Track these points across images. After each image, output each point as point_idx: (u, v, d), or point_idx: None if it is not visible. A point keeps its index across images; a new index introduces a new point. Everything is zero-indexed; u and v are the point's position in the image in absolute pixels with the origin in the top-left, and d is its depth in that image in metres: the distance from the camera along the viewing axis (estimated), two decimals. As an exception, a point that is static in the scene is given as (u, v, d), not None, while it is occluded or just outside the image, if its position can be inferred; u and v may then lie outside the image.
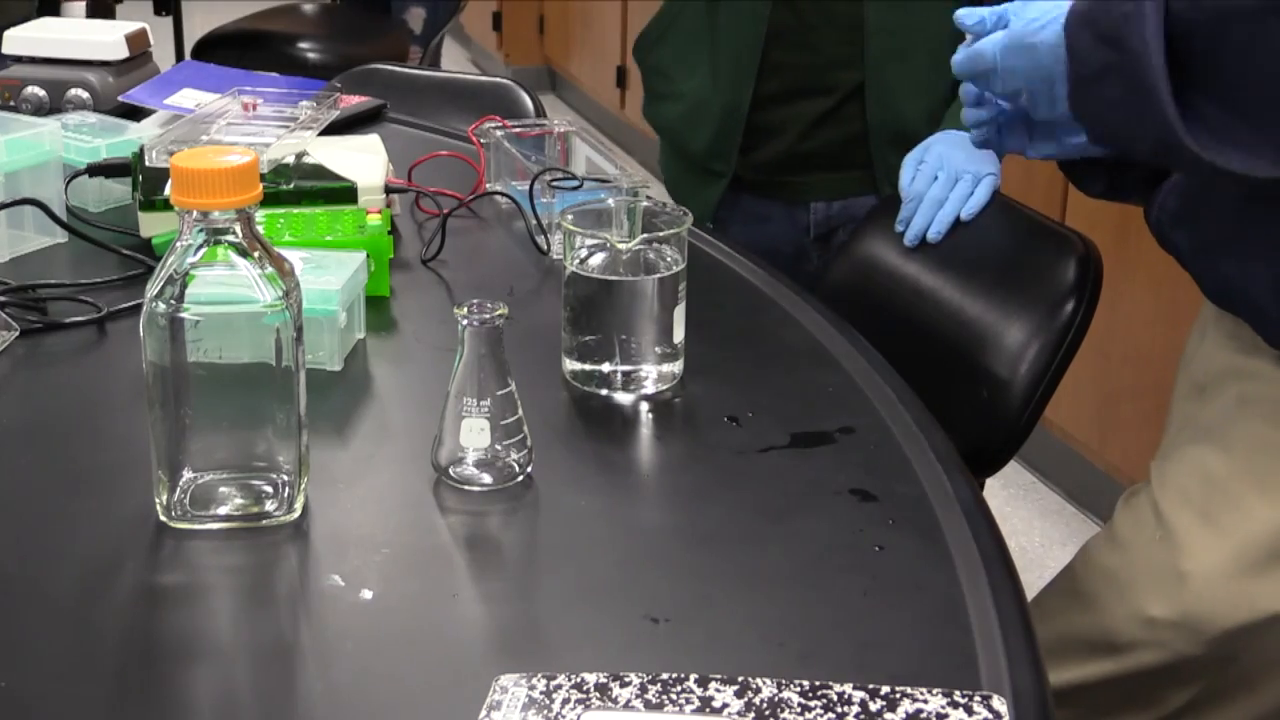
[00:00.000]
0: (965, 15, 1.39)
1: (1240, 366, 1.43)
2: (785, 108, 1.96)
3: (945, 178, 1.74)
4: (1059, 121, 1.46)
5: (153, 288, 1.03)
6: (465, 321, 1.13)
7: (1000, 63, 1.33)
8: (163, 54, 2.26)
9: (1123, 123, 1.23)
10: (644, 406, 1.31)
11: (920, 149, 1.80)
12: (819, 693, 0.89)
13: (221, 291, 1.04)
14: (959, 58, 1.40)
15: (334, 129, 1.86)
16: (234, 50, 3.99)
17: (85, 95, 2.03)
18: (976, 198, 1.73)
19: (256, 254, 1.04)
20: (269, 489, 1.09)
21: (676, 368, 1.34)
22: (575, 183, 1.65)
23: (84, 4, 2.55)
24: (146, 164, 1.61)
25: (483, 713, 0.87)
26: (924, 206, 1.74)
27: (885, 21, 1.91)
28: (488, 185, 1.79)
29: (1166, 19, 1.17)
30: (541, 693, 0.89)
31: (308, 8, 4.62)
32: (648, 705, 0.88)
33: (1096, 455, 3.03)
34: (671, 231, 1.32)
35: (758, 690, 0.89)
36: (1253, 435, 1.41)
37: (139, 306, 1.06)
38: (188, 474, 1.08)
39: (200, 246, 1.03)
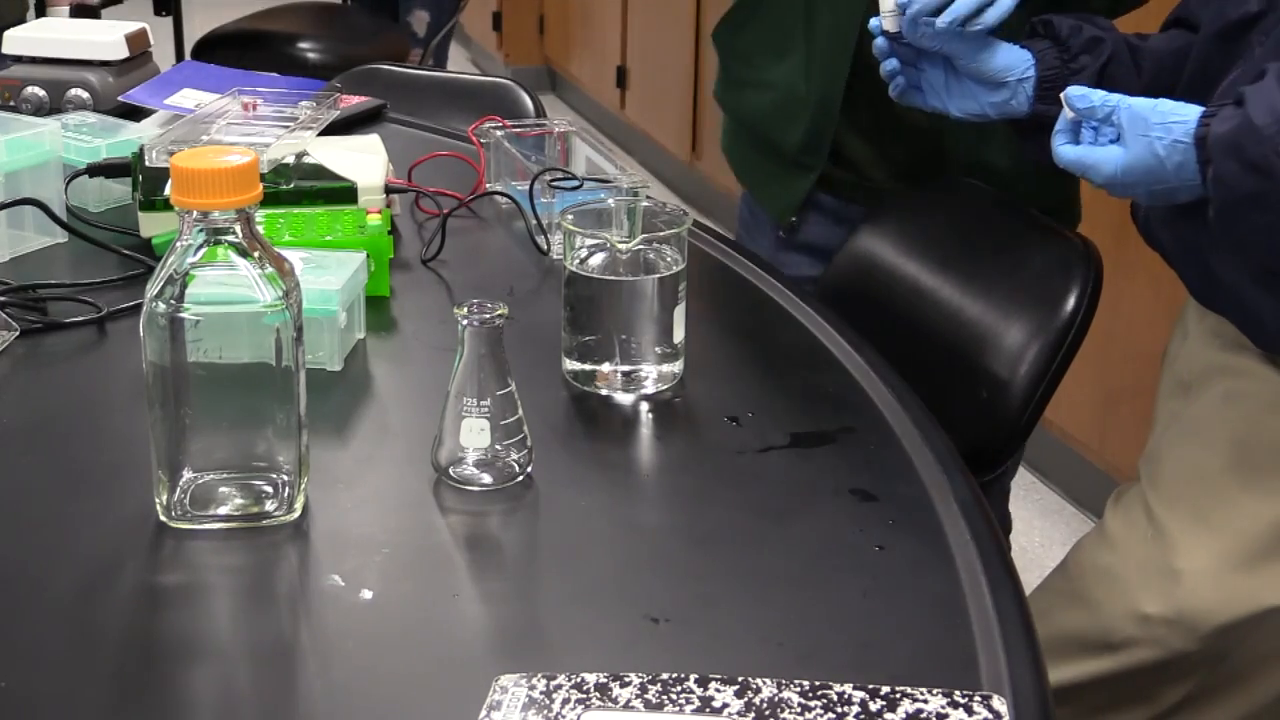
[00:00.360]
0: (1077, 98, 1.36)
1: (1225, 363, 1.44)
2: (876, 107, 1.86)
3: None
4: (979, 79, 1.47)
5: (153, 288, 1.03)
6: (465, 321, 1.13)
7: (1120, 179, 1.32)
8: (162, 54, 2.26)
9: (1273, 247, 1.26)
10: (644, 406, 1.31)
11: None
12: (819, 693, 0.89)
13: (221, 291, 1.04)
14: (1069, 157, 1.37)
15: (334, 129, 1.86)
16: (234, 50, 3.99)
17: (85, 95, 2.03)
18: (996, 9, 1.50)
19: (256, 254, 1.04)
20: (269, 489, 1.09)
21: (677, 367, 1.34)
22: (575, 183, 1.65)
23: (67, 7, 2.55)
24: (146, 164, 1.61)
25: (483, 712, 0.88)
26: None
27: None
28: (488, 185, 1.79)
29: None
30: (541, 693, 0.89)
31: (307, 8, 4.62)
32: (648, 705, 0.88)
33: (1096, 455, 3.03)
34: (671, 231, 1.32)
35: (758, 690, 0.89)
36: (1239, 431, 1.42)
37: (139, 306, 1.06)
38: (188, 474, 1.08)
39: (200, 246, 1.03)
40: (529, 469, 1.17)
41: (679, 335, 1.33)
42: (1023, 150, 1.58)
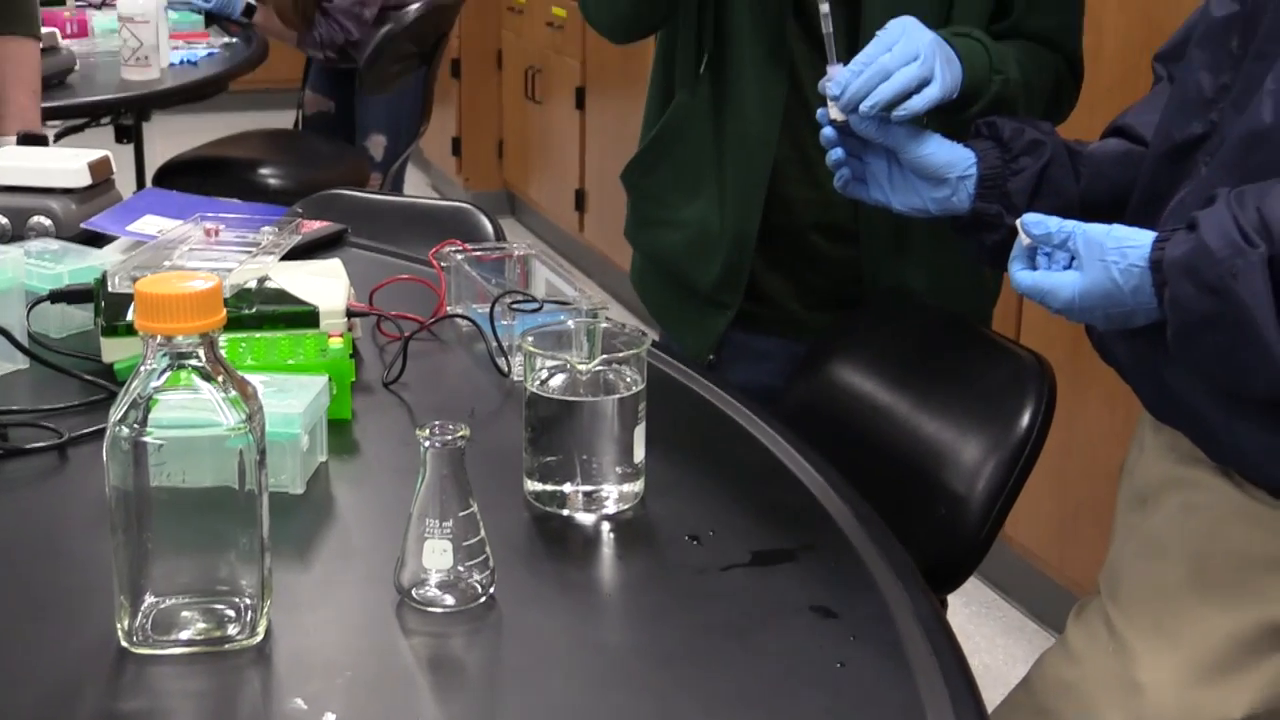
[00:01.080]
0: (1033, 224, 1.38)
1: (1181, 476, 1.46)
2: (788, 241, 1.90)
3: (902, 51, 1.53)
4: (922, 174, 1.51)
5: (116, 412, 1.04)
6: (427, 443, 1.13)
7: (1078, 303, 1.35)
8: (124, 181, 2.28)
9: (1231, 368, 1.28)
10: (605, 526, 1.32)
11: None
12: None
13: (185, 415, 1.05)
14: (1026, 283, 1.38)
15: (296, 254, 1.88)
16: (195, 177, 4.01)
17: (48, 223, 2.04)
18: (921, 98, 1.53)
19: (220, 378, 1.05)
20: (231, 613, 1.09)
21: (637, 487, 1.35)
22: (535, 305, 1.66)
23: (14, 136, 2.57)
24: (109, 290, 1.62)
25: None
26: (870, 71, 1.52)
27: None
28: (449, 308, 1.81)
29: (1271, 266, 1.21)
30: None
31: (267, 134, 4.66)
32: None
33: (1057, 571, 3.04)
34: (631, 352, 1.33)
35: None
36: (1197, 544, 1.43)
37: (100, 431, 1.06)
38: (149, 598, 1.08)
39: (164, 371, 1.04)
40: (491, 590, 1.17)
41: (639, 455, 1.34)
42: (961, 248, 1.60)
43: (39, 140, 2.61)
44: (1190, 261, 1.26)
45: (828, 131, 1.58)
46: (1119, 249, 1.32)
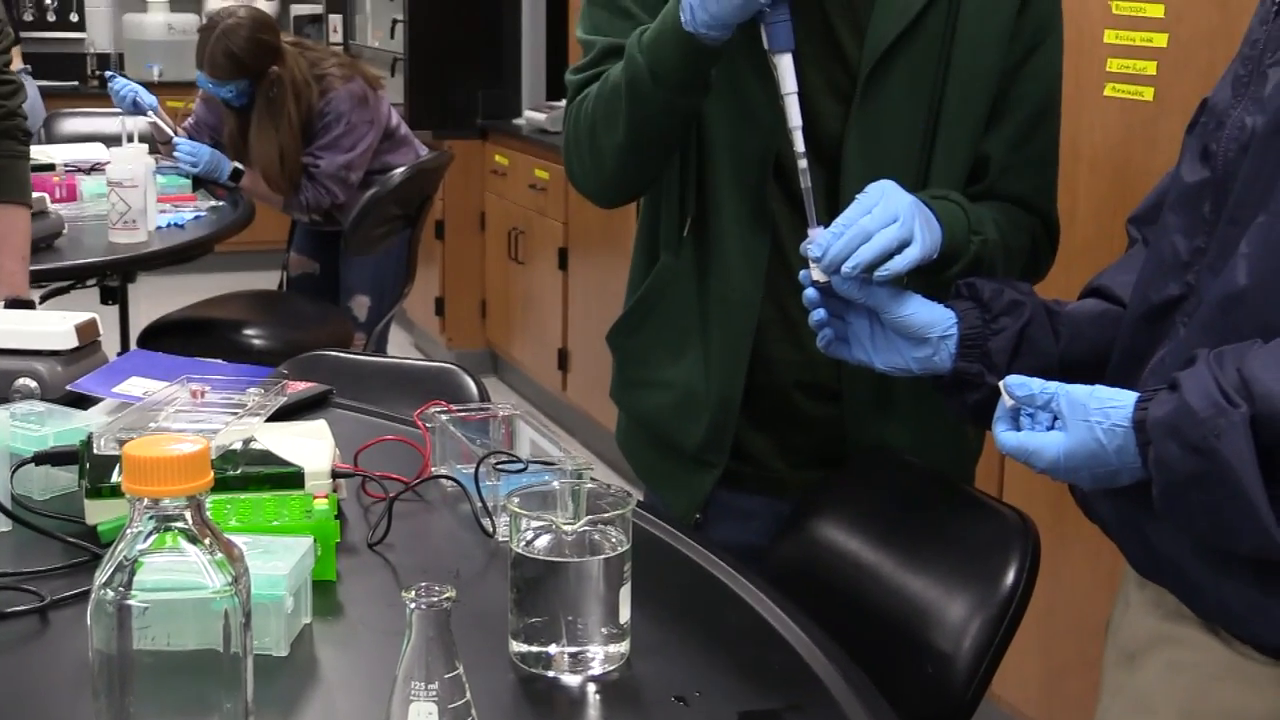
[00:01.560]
0: (1016, 386, 1.40)
1: (1167, 633, 1.46)
2: (772, 401, 1.91)
3: (882, 213, 1.57)
4: (904, 334, 1.53)
5: (101, 575, 1.04)
6: (413, 605, 1.13)
7: (1063, 463, 1.36)
8: (109, 342, 2.29)
9: (1217, 526, 1.30)
10: (591, 687, 1.31)
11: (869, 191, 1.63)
12: None
13: (170, 578, 1.04)
14: (1011, 444, 1.40)
15: (281, 415, 1.89)
16: (180, 338, 4.03)
17: (33, 384, 2.04)
18: (901, 259, 1.56)
19: (206, 539, 1.05)
20: (214, 778, 1.08)
21: (623, 647, 1.34)
22: (520, 465, 1.67)
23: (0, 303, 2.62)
24: (94, 451, 1.62)
25: None
26: (850, 233, 1.55)
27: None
28: (433, 469, 1.81)
29: (1253, 425, 1.24)
30: None
31: (252, 295, 4.69)
32: None
33: (1045, 730, 3.01)
34: (616, 513, 1.33)
35: None
36: (1185, 702, 1.42)
37: (83, 594, 1.06)
38: (132, 764, 1.07)
39: (150, 533, 1.04)
40: (477, 753, 1.16)
41: (625, 615, 1.34)
42: (944, 407, 1.62)
43: (26, 305, 2.63)
44: (1174, 422, 1.28)
45: (810, 293, 1.60)
46: (1102, 409, 1.34)
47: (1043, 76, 1.82)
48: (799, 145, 1.65)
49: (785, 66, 1.66)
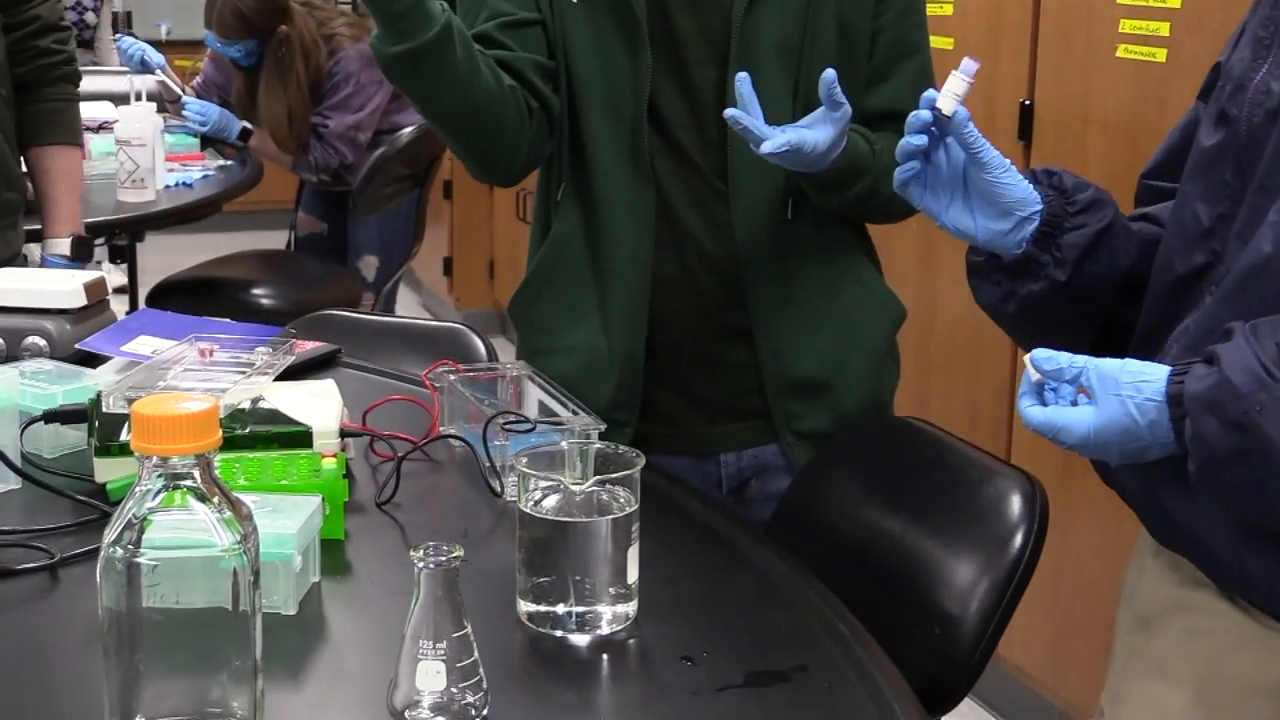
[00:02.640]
0: (1043, 360, 1.35)
1: (1185, 600, 1.45)
2: (679, 356, 1.91)
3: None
4: (991, 201, 1.48)
5: (111, 533, 1.04)
6: (421, 564, 1.13)
7: (1094, 439, 1.32)
8: (117, 301, 2.29)
9: (1258, 503, 1.27)
10: (599, 647, 1.32)
11: None
12: None
13: (179, 536, 1.05)
14: (1037, 420, 1.35)
15: (289, 374, 1.89)
16: (188, 297, 4.04)
17: (42, 343, 2.05)
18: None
19: (215, 498, 1.05)
20: (223, 735, 1.08)
21: (631, 608, 1.35)
22: (528, 425, 1.67)
23: (67, 240, 2.71)
24: (103, 410, 1.62)
25: None
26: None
27: (764, 272, 1.86)
28: (441, 428, 1.81)
29: None
30: None
31: (261, 255, 4.69)
32: None
33: (1051, 692, 3.02)
34: (624, 473, 1.34)
35: None
36: (1202, 669, 1.42)
37: (92, 552, 1.06)
38: (141, 721, 1.07)
39: (159, 491, 1.04)
40: (485, 712, 1.16)
41: (633, 575, 1.34)
42: (973, 291, 1.58)
43: (88, 244, 2.71)
44: (1213, 397, 1.25)
45: (922, 115, 1.49)
46: (1134, 383, 1.30)
47: (896, 26, 1.87)
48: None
49: None
